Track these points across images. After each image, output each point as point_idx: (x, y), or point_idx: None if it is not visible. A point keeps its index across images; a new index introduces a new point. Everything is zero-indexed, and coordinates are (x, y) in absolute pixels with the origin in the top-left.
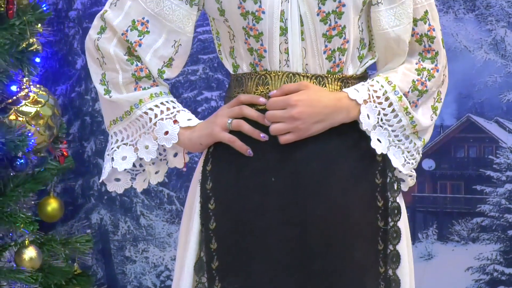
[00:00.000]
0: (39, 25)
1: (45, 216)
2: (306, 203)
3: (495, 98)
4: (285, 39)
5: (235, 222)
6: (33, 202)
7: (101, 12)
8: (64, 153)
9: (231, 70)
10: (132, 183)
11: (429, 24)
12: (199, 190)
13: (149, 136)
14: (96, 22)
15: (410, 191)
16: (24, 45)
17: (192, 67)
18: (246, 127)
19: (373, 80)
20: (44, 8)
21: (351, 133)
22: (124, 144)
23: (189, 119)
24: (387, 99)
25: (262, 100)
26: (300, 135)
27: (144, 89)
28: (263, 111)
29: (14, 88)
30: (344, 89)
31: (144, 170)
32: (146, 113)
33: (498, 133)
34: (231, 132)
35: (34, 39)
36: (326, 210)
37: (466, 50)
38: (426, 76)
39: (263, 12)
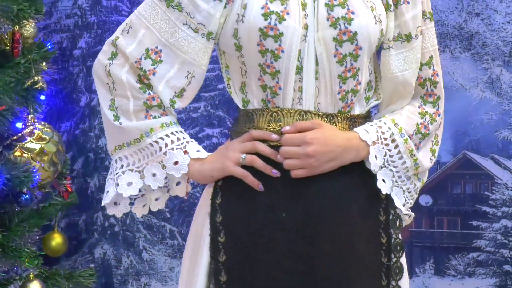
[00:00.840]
0: (44, 63)
1: (49, 250)
2: (315, 239)
3: (490, 135)
4: (300, 78)
5: (244, 256)
6: (37, 237)
7: (112, 38)
8: (68, 188)
9: (240, 104)
10: (131, 207)
11: (433, 69)
12: (208, 223)
13: (157, 164)
14: (107, 48)
15: (407, 227)
16: (29, 83)
17: (194, 105)
18: (259, 163)
19: (380, 121)
20: (49, 47)
21: (359, 172)
22: (130, 170)
23: (198, 151)
24: (393, 141)
25: (274, 136)
26: (311, 172)
27: (155, 117)
28: (274, 147)
29: (19, 125)
30: (354, 129)
31: (143, 195)
32: (156, 142)
33: (493, 169)
34: (243, 166)
35: (39, 77)
36: (334, 246)
37: (462, 88)
38: (429, 120)
39: (282, 51)
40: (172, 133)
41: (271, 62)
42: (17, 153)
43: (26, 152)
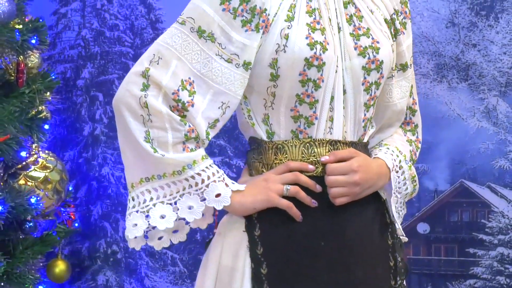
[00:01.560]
0: (48, 93)
1: (53, 277)
2: (350, 266)
3: (487, 164)
4: (331, 108)
5: (287, 286)
6: (41, 264)
7: (140, 69)
8: (72, 216)
9: (264, 136)
10: (146, 240)
11: (413, 98)
12: (244, 255)
13: (194, 196)
14: (136, 79)
15: (405, 254)
16: (33, 113)
17: None
18: (302, 194)
19: (388, 149)
20: (53, 77)
21: (375, 198)
22: (161, 202)
23: (233, 183)
24: (400, 167)
25: (311, 167)
26: (352, 198)
27: (192, 150)
28: (310, 177)
29: (23, 154)
30: (378, 156)
31: (154, 228)
32: (199, 174)
33: (490, 198)
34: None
35: (43, 107)
36: (365, 272)
37: (459, 118)
38: (415, 147)
39: (323, 81)
40: (210, 165)
41: (311, 92)
42: (22, 181)
43: (30, 180)
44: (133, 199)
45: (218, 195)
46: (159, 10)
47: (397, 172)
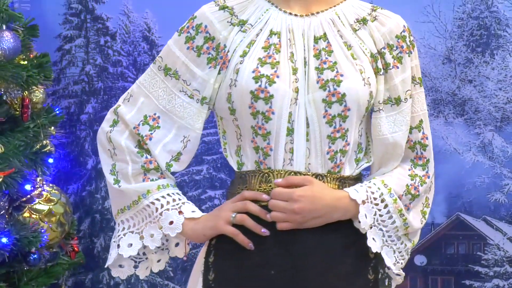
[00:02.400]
0: (52, 127)
1: None
2: None
3: (483, 197)
4: (291, 139)
5: None
6: None
7: (114, 107)
8: (75, 248)
9: (235, 167)
10: (135, 270)
11: (423, 133)
12: (201, 280)
13: (154, 225)
14: (109, 116)
15: (403, 286)
16: (38, 147)
17: (197, 167)
18: (249, 222)
19: (370, 182)
20: (57, 112)
21: (349, 230)
22: (130, 232)
23: (193, 211)
24: (383, 200)
25: (265, 197)
26: (296, 226)
27: (152, 180)
28: (265, 207)
29: (28, 187)
30: (345, 189)
31: (147, 258)
32: (153, 203)
33: (486, 230)
34: (235, 225)
35: (47, 141)
36: None
37: (455, 152)
38: (419, 182)
39: (273, 113)
40: (168, 194)
41: (262, 124)
42: (26, 214)
43: (34, 213)
44: (115, 230)
45: (171, 223)
46: (161, 46)
47: (377, 204)
